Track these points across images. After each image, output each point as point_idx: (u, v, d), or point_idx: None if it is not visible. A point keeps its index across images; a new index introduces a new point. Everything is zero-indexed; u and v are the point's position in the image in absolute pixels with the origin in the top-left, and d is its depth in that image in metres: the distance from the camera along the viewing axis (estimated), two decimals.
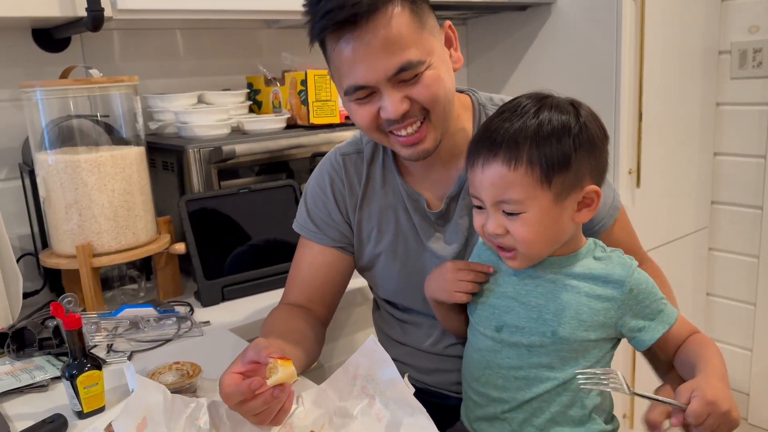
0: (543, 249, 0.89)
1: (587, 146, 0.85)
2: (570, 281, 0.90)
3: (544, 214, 0.85)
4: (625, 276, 0.88)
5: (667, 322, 0.90)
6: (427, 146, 0.98)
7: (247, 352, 0.87)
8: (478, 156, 0.87)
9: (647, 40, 1.92)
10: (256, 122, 1.59)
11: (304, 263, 1.16)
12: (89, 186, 1.25)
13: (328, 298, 1.17)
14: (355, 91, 0.94)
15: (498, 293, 0.94)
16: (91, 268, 1.25)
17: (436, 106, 0.95)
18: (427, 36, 0.93)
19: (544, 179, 0.83)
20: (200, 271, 1.38)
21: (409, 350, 1.17)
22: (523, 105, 0.87)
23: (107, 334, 1.21)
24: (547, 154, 0.83)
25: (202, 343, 1.21)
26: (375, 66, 0.90)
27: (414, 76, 0.92)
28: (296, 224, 1.17)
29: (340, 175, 1.13)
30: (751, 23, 2.17)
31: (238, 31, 1.84)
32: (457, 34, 1.03)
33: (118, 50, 1.67)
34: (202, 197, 1.42)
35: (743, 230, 2.31)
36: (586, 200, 0.88)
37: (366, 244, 1.13)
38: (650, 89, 1.98)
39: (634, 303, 0.88)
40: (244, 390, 0.81)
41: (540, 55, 2.14)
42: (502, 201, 0.85)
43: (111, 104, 1.33)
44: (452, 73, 0.99)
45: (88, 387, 0.94)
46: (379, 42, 0.89)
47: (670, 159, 2.14)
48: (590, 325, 0.88)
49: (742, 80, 2.22)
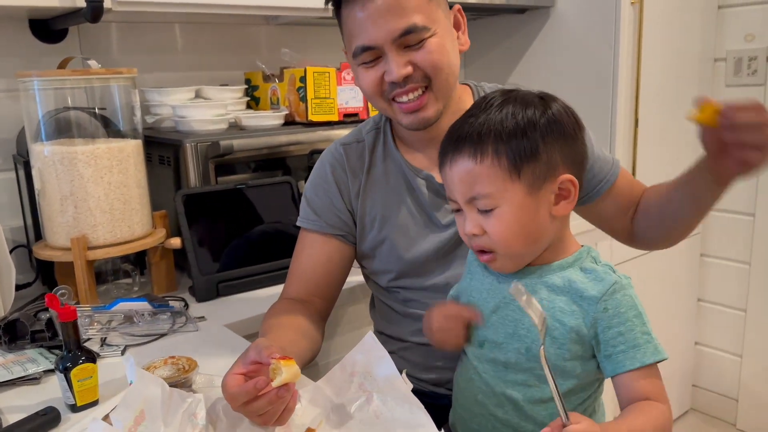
0: (522, 247, 0.85)
1: (557, 135, 0.83)
2: (547, 294, 0.85)
3: (518, 209, 0.82)
4: (602, 293, 0.82)
5: (639, 361, 0.80)
6: (428, 114, 1.02)
7: (248, 352, 0.86)
8: (445, 155, 0.86)
9: (645, 46, 1.93)
10: (254, 118, 1.59)
11: (303, 255, 1.17)
12: (85, 178, 1.24)
13: (328, 290, 1.17)
14: (362, 52, 1.00)
15: (483, 307, 0.91)
16: (85, 260, 1.24)
17: (439, 74, 1.00)
18: (434, 7, 1.00)
19: (513, 170, 0.81)
20: (195, 266, 1.37)
21: (407, 345, 1.17)
22: (488, 100, 0.86)
23: (101, 328, 1.20)
24: (512, 144, 0.81)
25: (197, 338, 1.20)
26: (381, 27, 0.97)
27: (419, 41, 0.98)
28: (298, 219, 1.18)
29: (342, 163, 1.15)
30: (747, 31, 2.18)
31: (236, 27, 1.83)
32: None
33: (116, 43, 1.66)
34: (199, 192, 1.41)
35: (735, 237, 2.33)
36: (563, 192, 0.84)
37: (369, 230, 1.14)
38: (647, 95, 1.99)
39: (605, 326, 0.81)
40: (250, 390, 0.80)
41: (538, 58, 2.15)
42: (473, 197, 0.83)
43: (109, 96, 1.32)
44: (457, 51, 1.05)
45: (82, 380, 0.93)
46: (387, 5, 0.96)
47: (664, 164, 2.14)
48: (562, 343, 0.83)
49: (737, 87, 2.23)
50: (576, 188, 0.85)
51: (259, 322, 1.26)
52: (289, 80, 1.63)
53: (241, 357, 0.87)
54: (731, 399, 2.39)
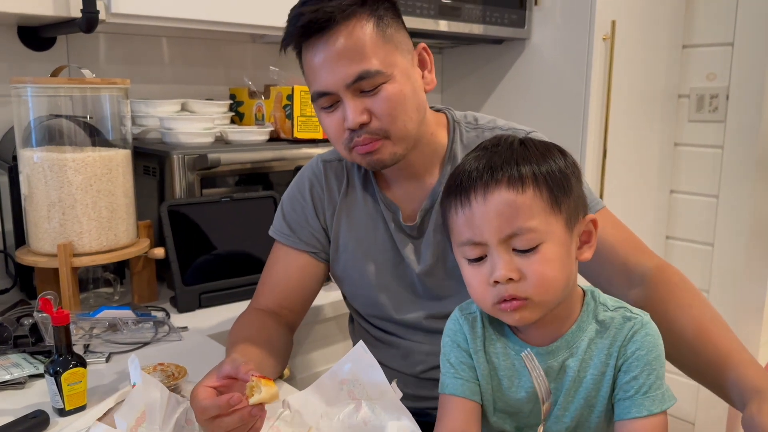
0: (560, 294, 0.76)
1: (577, 173, 0.80)
2: (579, 364, 0.79)
3: (561, 247, 0.75)
4: (623, 340, 0.78)
5: (646, 409, 0.76)
6: (382, 158, 1.01)
7: (224, 366, 0.84)
8: (473, 189, 0.75)
9: (614, 81, 2.02)
10: (239, 133, 1.61)
11: (276, 267, 1.16)
12: (74, 185, 1.25)
13: (299, 304, 1.17)
14: (319, 98, 1.00)
15: (511, 395, 0.83)
16: (71, 267, 1.24)
17: (395, 123, 0.98)
18: (391, 50, 0.98)
19: (554, 202, 0.74)
20: (178, 277, 1.38)
21: (386, 371, 1.09)
22: (504, 138, 0.81)
23: (84, 334, 1.20)
24: (549, 174, 0.75)
25: (180, 347, 1.21)
26: (335, 72, 0.96)
27: (374, 87, 0.96)
28: (272, 229, 1.18)
29: (320, 181, 1.15)
30: (709, 70, 2.30)
31: (223, 44, 1.86)
32: (433, 62, 1.06)
33: (104, 53, 1.67)
34: (184, 203, 1.43)
35: (695, 265, 2.42)
36: (585, 234, 0.79)
37: (342, 253, 1.14)
38: (615, 127, 2.07)
39: (625, 370, 0.77)
40: (223, 404, 0.78)
41: (512, 88, 2.22)
42: (513, 233, 0.73)
43: (100, 105, 1.33)
44: (421, 93, 1.03)
45: (72, 384, 0.94)
46: (340, 50, 0.95)
47: (629, 194, 2.24)
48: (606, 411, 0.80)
49: (698, 123, 2.35)
50: (596, 229, 0.80)
51: None
52: (275, 97, 1.66)
53: (214, 370, 0.86)
54: (688, 423, 2.46)
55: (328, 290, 1.46)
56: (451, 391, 0.84)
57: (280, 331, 1.10)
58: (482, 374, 0.83)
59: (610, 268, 1.02)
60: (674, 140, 2.41)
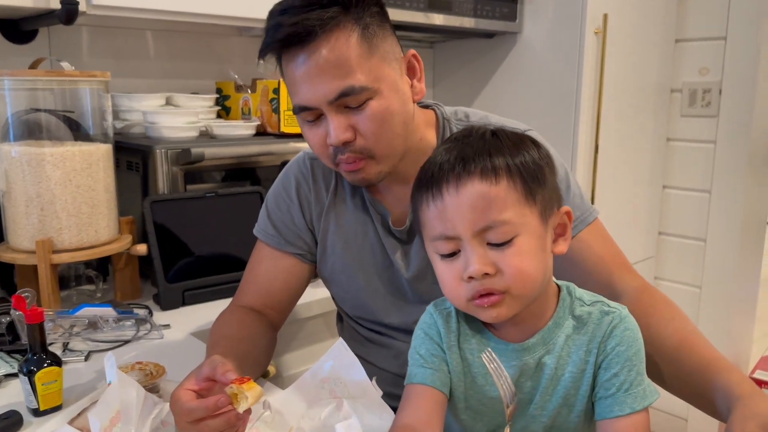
0: (538, 287, 0.74)
1: (550, 164, 0.77)
2: (556, 362, 0.77)
3: (537, 238, 0.73)
4: (602, 336, 0.75)
5: (629, 406, 0.73)
6: (367, 177, 0.97)
7: (203, 368, 0.82)
8: (446, 181, 0.73)
9: (606, 75, 2.00)
10: (225, 127, 1.59)
11: (260, 268, 1.13)
12: (53, 181, 1.22)
13: (283, 304, 1.14)
14: (301, 112, 0.94)
15: (486, 393, 0.80)
16: (50, 264, 1.22)
17: (380, 142, 0.93)
18: (377, 63, 0.91)
19: (528, 193, 0.72)
20: (161, 274, 1.36)
21: (375, 370, 1.10)
22: (475, 129, 0.78)
23: (63, 332, 1.17)
24: (523, 164, 0.73)
25: (162, 345, 1.18)
26: (317, 88, 0.89)
27: (359, 103, 0.91)
28: (256, 228, 1.15)
29: (308, 179, 1.11)
30: (702, 65, 2.28)
31: (209, 37, 1.84)
32: (424, 57, 1.00)
33: (87, 46, 1.64)
34: (168, 199, 1.41)
35: (687, 261, 2.41)
36: (560, 227, 0.78)
37: (329, 255, 1.11)
38: (607, 122, 2.05)
39: (605, 367, 0.75)
40: (210, 407, 0.75)
41: (504, 82, 2.20)
42: (488, 226, 0.71)
43: (80, 99, 1.31)
44: (409, 104, 0.97)
45: (47, 384, 0.91)
46: (322, 64, 0.88)
47: (622, 190, 2.22)
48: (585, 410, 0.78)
49: (691, 118, 2.33)
50: (571, 222, 0.78)
51: None
52: (262, 91, 1.64)
53: (194, 372, 0.83)
54: (681, 419, 2.45)
55: (315, 287, 1.42)
56: (419, 380, 0.79)
57: (262, 329, 1.07)
58: (455, 370, 0.81)
59: (593, 282, 0.99)
60: (667, 135, 2.40)
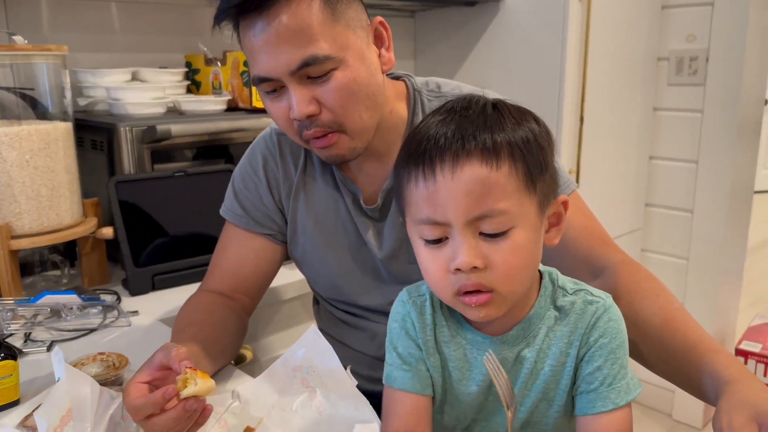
0: (526, 284, 0.69)
1: (552, 145, 0.71)
2: (536, 355, 0.72)
3: (532, 231, 0.66)
4: (585, 327, 0.70)
5: (612, 402, 0.68)
6: (340, 153, 0.91)
7: (155, 356, 0.77)
8: (437, 161, 0.65)
9: (591, 43, 1.94)
10: (194, 103, 1.52)
11: (230, 250, 1.07)
12: (9, 162, 1.15)
13: (254, 288, 1.09)
14: (261, 83, 0.87)
15: (461, 389, 0.75)
16: (8, 250, 1.16)
17: (349, 115, 0.87)
18: (341, 30, 0.85)
19: (530, 180, 0.65)
20: (129, 258, 1.30)
21: (352, 353, 1.07)
22: (475, 100, 0.70)
23: (25, 322, 1.12)
24: (527, 145, 0.66)
25: (129, 333, 1.13)
26: (277, 58, 0.83)
27: (323, 73, 0.84)
28: (223, 208, 1.09)
29: (275, 156, 1.05)
30: (689, 32, 2.23)
31: (177, 7, 1.75)
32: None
33: (47, 20, 1.56)
34: (134, 179, 1.34)
35: (674, 233, 2.38)
36: (554, 216, 0.72)
37: (300, 235, 1.05)
38: (592, 92, 2.00)
39: (587, 359, 0.70)
40: (157, 401, 0.71)
41: (487, 51, 2.14)
42: (483, 215, 0.63)
43: (36, 75, 1.23)
44: (378, 76, 0.91)
45: (1, 378, 0.86)
46: (282, 31, 0.82)
47: (608, 161, 2.18)
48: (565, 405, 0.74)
49: (678, 87, 2.28)
50: (566, 211, 0.72)
51: None
52: (232, 64, 1.57)
53: (146, 363, 0.77)
54: (668, 390, 2.44)
55: (291, 268, 1.37)
56: (400, 386, 0.74)
57: (231, 315, 1.02)
58: (433, 366, 0.75)
59: (572, 258, 0.94)
60: (653, 105, 2.35)
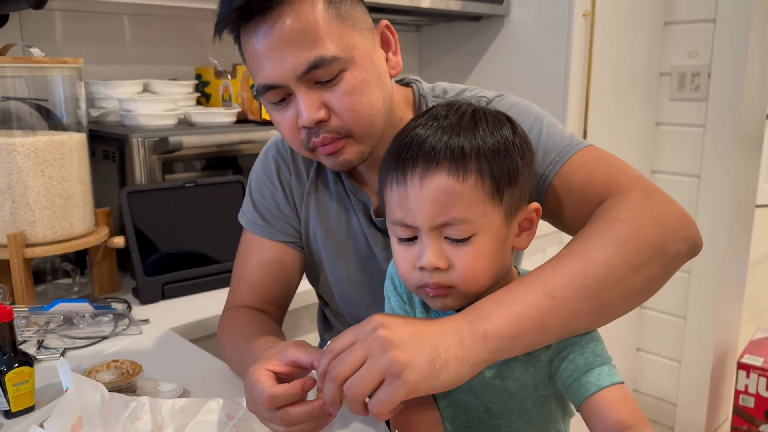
0: (487, 284, 0.72)
1: (528, 159, 0.74)
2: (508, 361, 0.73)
3: (495, 238, 0.71)
4: None
5: (594, 385, 0.67)
6: (348, 158, 0.88)
7: (287, 349, 0.75)
8: (410, 170, 0.69)
9: (595, 59, 1.97)
10: (204, 114, 1.54)
11: (252, 261, 1.06)
12: (24, 172, 1.17)
13: (281, 298, 1.06)
14: (266, 92, 0.84)
15: None
16: (23, 258, 1.18)
17: (359, 120, 0.85)
18: (348, 30, 0.83)
19: (496, 193, 0.69)
20: (140, 267, 1.32)
21: None
22: (456, 106, 0.73)
23: (38, 330, 1.13)
24: (497, 163, 0.69)
25: (140, 341, 1.15)
26: (282, 62, 0.80)
27: (332, 77, 0.82)
28: (243, 218, 1.08)
29: (287, 161, 1.04)
30: (691, 48, 2.26)
31: (188, 21, 1.78)
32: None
33: (60, 32, 1.59)
34: (145, 189, 1.36)
35: None
36: (526, 221, 0.75)
37: (312, 243, 1.06)
38: (595, 107, 2.03)
39: (554, 356, 0.71)
40: (297, 392, 0.68)
41: (491, 66, 2.16)
42: (446, 222, 0.68)
43: (52, 87, 1.26)
44: (387, 79, 0.89)
45: (18, 384, 0.88)
46: (287, 34, 0.79)
47: None
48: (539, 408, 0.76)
49: (680, 102, 2.31)
50: (539, 217, 0.76)
51: (207, 326, 1.23)
52: (242, 77, 1.59)
53: (275, 351, 0.76)
54: (670, 404, 2.45)
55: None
56: None
57: (273, 324, 1.02)
58: None
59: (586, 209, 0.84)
60: (655, 119, 2.37)
